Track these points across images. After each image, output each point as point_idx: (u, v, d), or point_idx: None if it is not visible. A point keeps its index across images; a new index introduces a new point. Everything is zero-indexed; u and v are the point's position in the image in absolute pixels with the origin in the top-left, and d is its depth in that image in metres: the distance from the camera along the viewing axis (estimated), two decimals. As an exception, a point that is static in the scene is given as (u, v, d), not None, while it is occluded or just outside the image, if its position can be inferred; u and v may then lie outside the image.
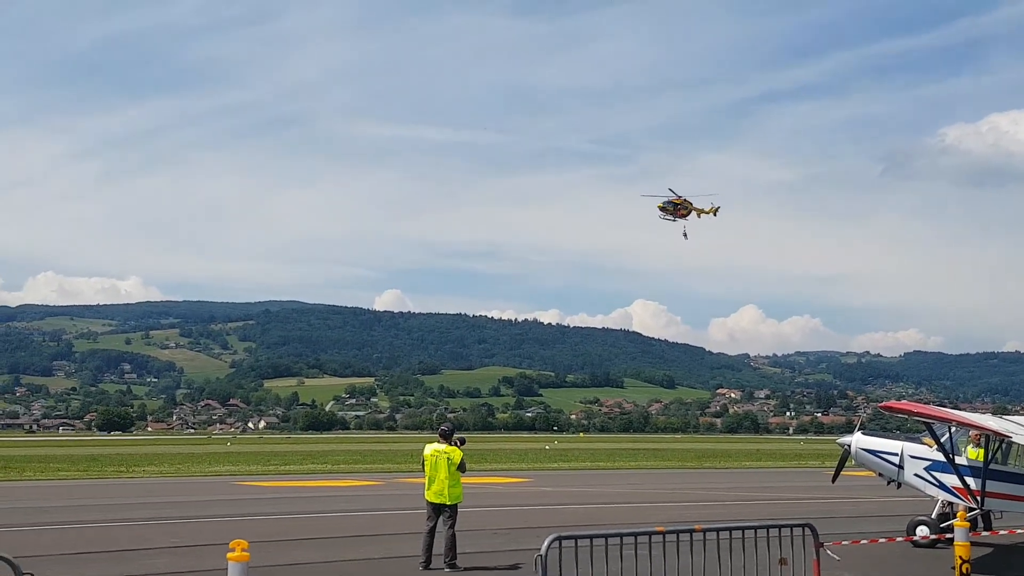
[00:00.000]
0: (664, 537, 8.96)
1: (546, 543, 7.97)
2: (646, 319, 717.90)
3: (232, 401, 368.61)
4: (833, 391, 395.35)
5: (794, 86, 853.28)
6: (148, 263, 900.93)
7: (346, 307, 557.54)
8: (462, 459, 17.22)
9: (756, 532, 9.61)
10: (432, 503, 17.25)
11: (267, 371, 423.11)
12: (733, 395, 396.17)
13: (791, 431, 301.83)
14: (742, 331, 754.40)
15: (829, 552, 10.14)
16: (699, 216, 49.41)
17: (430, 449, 17.46)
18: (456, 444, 17.49)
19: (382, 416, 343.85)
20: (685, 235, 49.90)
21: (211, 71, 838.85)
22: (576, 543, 8.30)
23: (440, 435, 17.61)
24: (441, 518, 17.12)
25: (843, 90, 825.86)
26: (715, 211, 50.06)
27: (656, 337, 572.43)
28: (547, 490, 38.58)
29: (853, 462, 22.24)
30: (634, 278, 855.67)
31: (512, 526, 23.67)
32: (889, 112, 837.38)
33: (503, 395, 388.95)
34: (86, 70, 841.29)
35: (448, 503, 17.10)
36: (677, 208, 49.36)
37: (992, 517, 21.16)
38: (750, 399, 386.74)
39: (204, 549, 19.16)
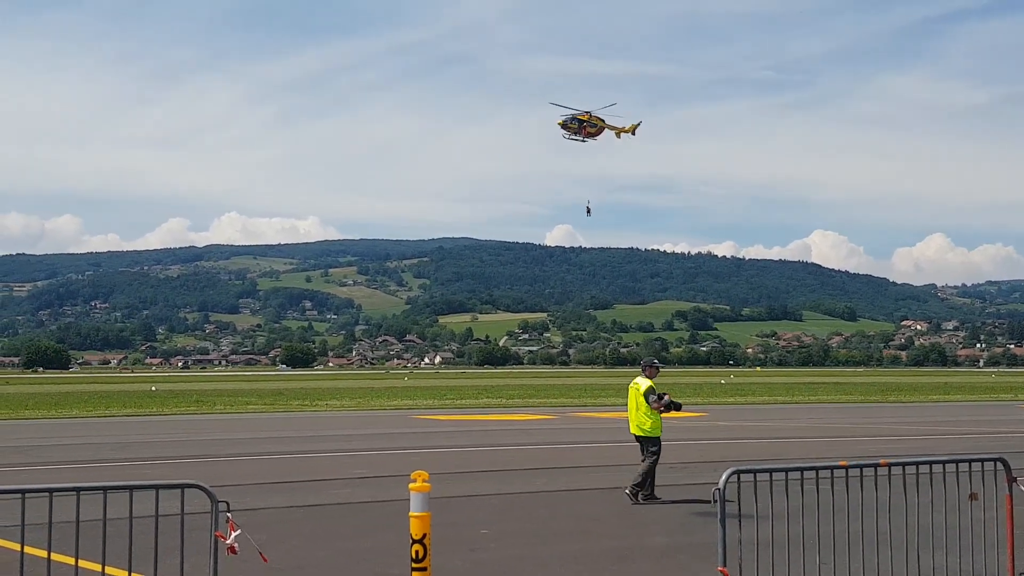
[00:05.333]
0: (847, 471, 8.67)
1: (724, 476, 7.81)
2: (825, 250, 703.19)
3: (408, 337, 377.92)
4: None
5: (981, 3, 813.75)
6: (325, 203, 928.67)
7: (517, 243, 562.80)
8: (646, 389, 17.13)
9: (944, 467, 9.22)
10: (634, 435, 17.44)
11: (441, 307, 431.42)
12: (919, 327, 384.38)
13: (981, 363, 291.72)
14: (928, 260, 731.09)
15: (1023, 487, 9.66)
16: (619, 136, 42.61)
17: (632, 382, 17.63)
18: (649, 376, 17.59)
19: (555, 351, 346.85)
20: (588, 211, 43.97)
21: (382, 12, 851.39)
22: (755, 477, 8.11)
23: (641, 368, 17.87)
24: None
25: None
26: (634, 129, 43.13)
27: (836, 268, 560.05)
28: (724, 424, 38.20)
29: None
30: (813, 208, 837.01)
31: (689, 460, 23.51)
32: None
33: (677, 329, 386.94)
34: (262, 16, 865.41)
35: (642, 435, 17.17)
36: (583, 125, 42.18)
37: None
38: (937, 331, 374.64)
39: (386, 480, 19.61)
